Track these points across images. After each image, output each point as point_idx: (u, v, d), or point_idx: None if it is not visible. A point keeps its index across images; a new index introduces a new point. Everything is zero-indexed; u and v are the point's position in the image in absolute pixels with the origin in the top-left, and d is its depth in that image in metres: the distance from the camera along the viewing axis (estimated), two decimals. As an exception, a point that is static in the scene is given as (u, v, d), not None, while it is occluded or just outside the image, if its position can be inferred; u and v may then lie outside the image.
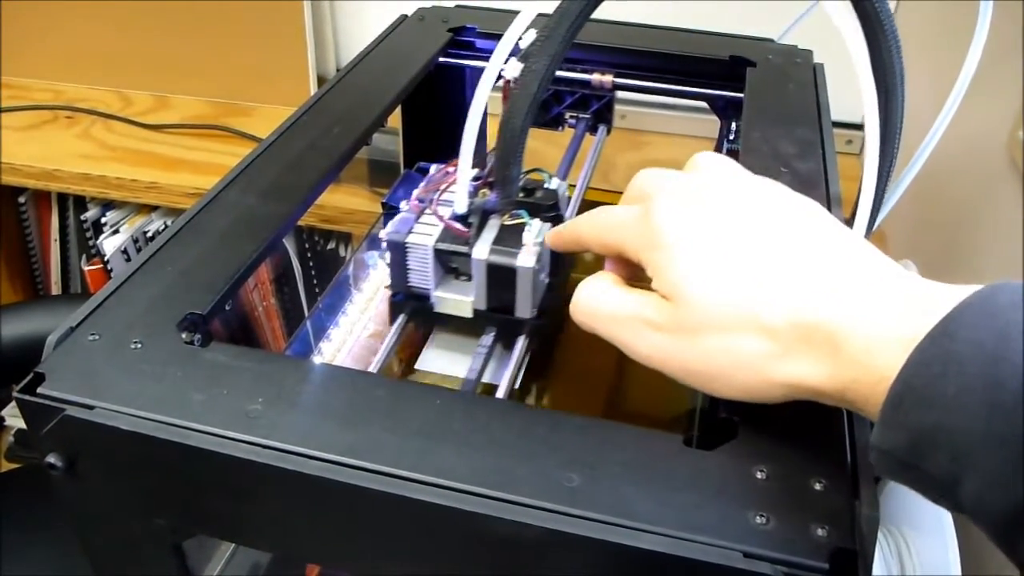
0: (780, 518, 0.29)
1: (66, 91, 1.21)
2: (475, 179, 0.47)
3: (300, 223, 0.92)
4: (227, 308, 0.40)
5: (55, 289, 1.30)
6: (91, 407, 0.33)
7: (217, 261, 0.41)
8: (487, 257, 0.44)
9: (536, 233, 0.45)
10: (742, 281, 0.31)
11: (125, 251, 1.14)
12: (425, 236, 0.46)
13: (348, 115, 0.54)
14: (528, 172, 0.48)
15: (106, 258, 1.14)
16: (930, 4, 0.84)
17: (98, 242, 1.15)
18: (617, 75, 0.65)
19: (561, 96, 0.67)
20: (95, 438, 0.33)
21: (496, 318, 0.47)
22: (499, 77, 0.44)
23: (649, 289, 0.34)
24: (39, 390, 0.34)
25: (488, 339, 0.47)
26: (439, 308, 0.47)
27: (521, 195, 0.46)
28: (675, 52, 0.64)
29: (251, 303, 1.15)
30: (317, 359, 0.51)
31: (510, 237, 0.45)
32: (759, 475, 0.31)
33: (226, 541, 0.47)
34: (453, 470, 0.31)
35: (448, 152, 0.73)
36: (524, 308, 0.46)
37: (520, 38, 0.43)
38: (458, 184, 0.46)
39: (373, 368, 0.46)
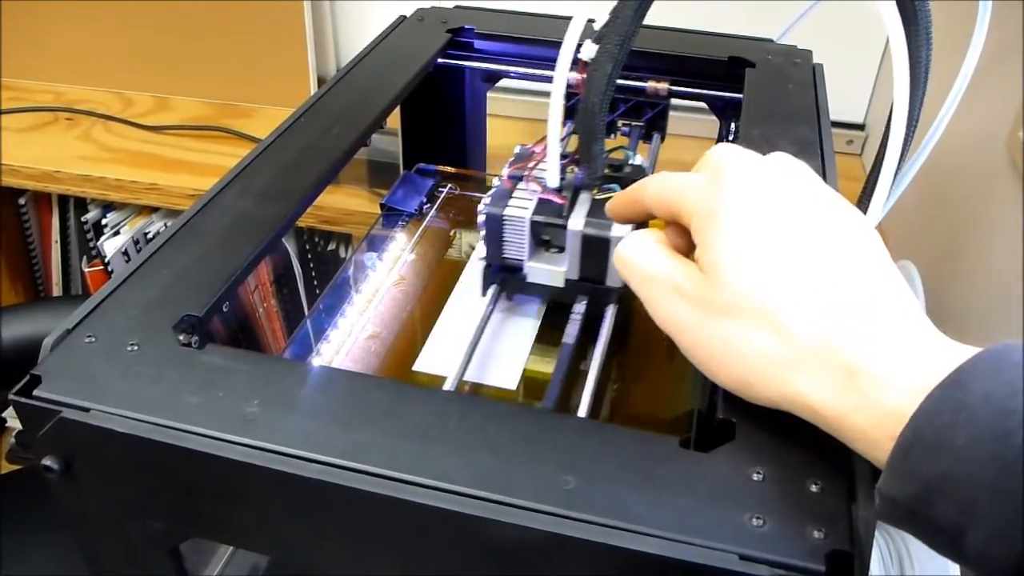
0: (777, 520, 0.29)
1: (66, 93, 1.21)
2: (560, 157, 0.48)
3: (300, 224, 0.92)
4: (225, 310, 0.40)
5: (56, 290, 1.30)
6: (87, 409, 0.33)
7: (214, 263, 0.41)
8: (582, 228, 0.46)
9: None
10: (780, 278, 0.31)
11: (126, 252, 1.14)
12: (522, 209, 0.48)
13: (347, 116, 0.54)
14: (611, 151, 0.50)
15: (107, 259, 1.14)
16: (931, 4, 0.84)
17: (99, 243, 1.15)
18: (660, 81, 0.65)
19: (615, 104, 0.67)
20: (91, 440, 0.33)
21: (587, 287, 0.49)
22: (575, 61, 0.45)
23: (692, 260, 0.34)
24: (35, 392, 0.33)
25: (581, 306, 0.49)
26: (532, 278, 0.49)
27: (607, 171, 0.48)
28: (674, 52, 0.64)
29: (251, 304, 1.15)
30: (316, 361, 0.51)
31: (602, 210, 0.46)
32: (756, 477, 0.30)
33: (223, 544, 0.47)
34: (450, 473, 0.30)
35: (448, 153, 0.73)
36: (615, 277, 0.48)
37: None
38: (550, 159, 0.48)
39: (468, 340, 0.47)
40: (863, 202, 0.47)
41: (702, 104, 0.66)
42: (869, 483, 0.30)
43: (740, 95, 0.59)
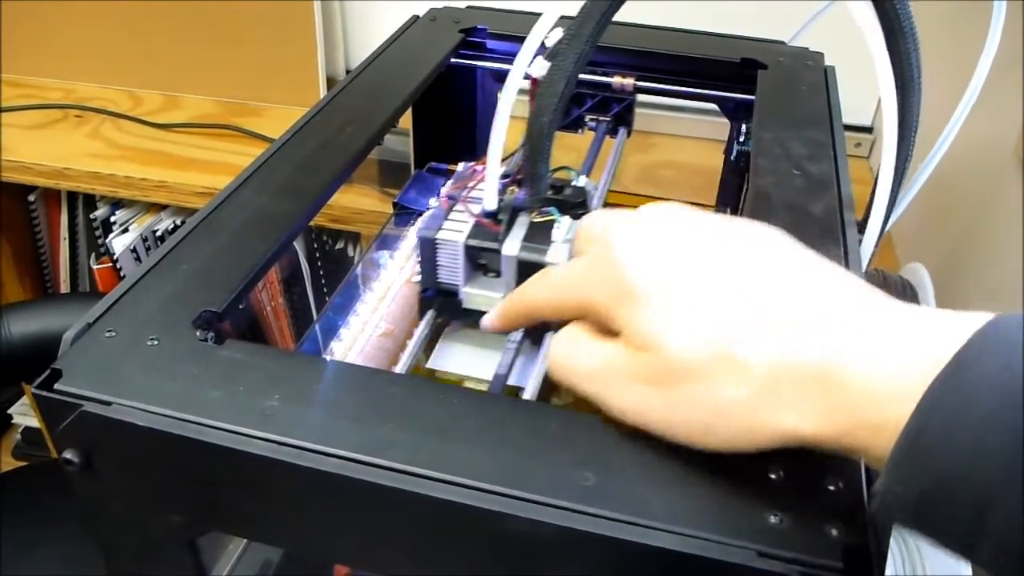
0: (795, 518, 0.29)
1: (76, 90, 1.22)
2: (503, 177, 0.48)
3: (309, 223, 0.92)
4: (241, 307, 0.41)
5: (64, 288, 1.30)
6: (108, 403, 0.33)
7: (231, 260, 0.41)
8: (517, 253, 0.45)
9: (566, 230, 0.45)
10: (717, 323, 0.29)
11: (134, 250, 1.15)
12: (456, 232, 0.46)
13: (361, 115, 0.54)
14: (555, 170, 0.48)
15: (115, 257, 1.15)
16: (940, 5, 0.84)
17: (107, 241, 1.16)
18: (629, 76, 0.66)
19: (582, 99, 0.67)
20: (112, 434, 0.33)
21: None
22: (526, 76, 0.44)
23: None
24: (56, 386, 0.34)
25: (517, 335, 0.47)
26: (468, 304, 0.48)
27: (550, 193, 0.47)
28: (686, 54, 0.64)
29: (260, 303, 1.15)
30: (328, 358, 0.51)
31: (540, 234, 0.45)
32: (773, 475, 0.31)
33: (241, 538, 0.47)
34: (469, 468, 0.31)
35: (459, 153, 0.73)
36: None
37: (546, 36, 0.43)
38: (487, 181, 0.46)
39: (401, 367, 0.46)
40: (870, 207, 0.47)
41: (712, 106, 0.66)
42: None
43: (752, 97, 0.60)
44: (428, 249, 0.47)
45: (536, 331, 0.47)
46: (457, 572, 0.33)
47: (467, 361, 0.49)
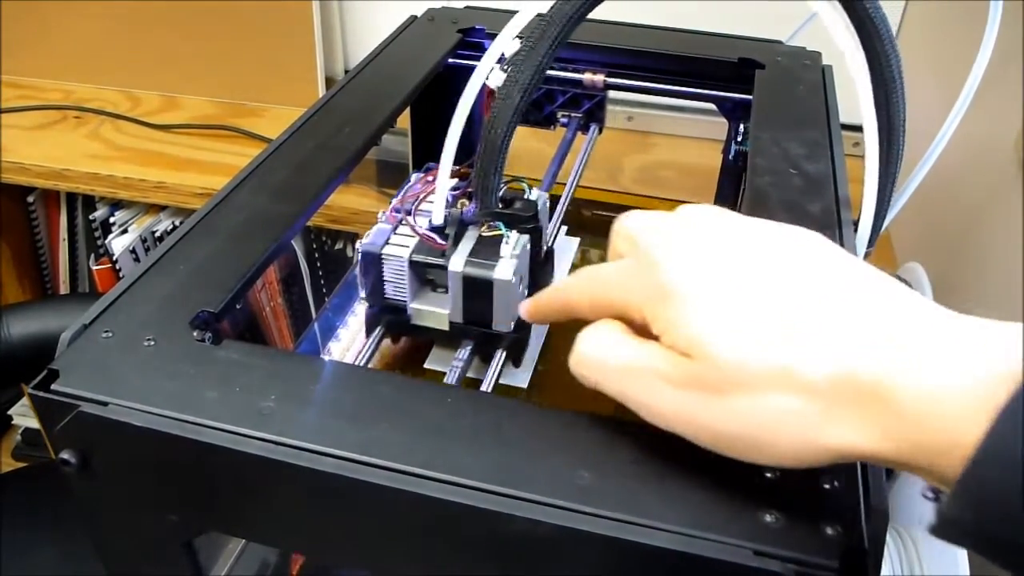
0: (791, 517, 0.29)
1: (75, 91, 1.22)
2: (454, 189, 0.47)
3: (307, 223, 0.92)
4: (238, 307, 0.41)
5: (63, 288, 1.30)
6: (105, 404, 0.33)
7: (229, 260, 0.41)
8: (463, 269, 0.44)
9: (514, 245, 0.44)
10: (770, 332, 0.27)
11: (133, 251, 1.15)
12: (401, 248, 0.45)
13: (358, 115, 0.54)
14: (508, 182, 0.47)
15: (114, 258, 1.15)
16: (936, 5, 0.84)
17: (106, 242, 1.16)
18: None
19: (553, 95, 0.68)
20: (109, 434, 0.33)
21: (473, 331, 0.46)
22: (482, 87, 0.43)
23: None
24: (53, 387, 0.34)
25: (464, 352, 0.46)
26: (416, 320, 0.47)
27: (500, 206, 0.46)
28: (684, 54, 0.64)
29: (258, 303, 1.15)
30: (326, 359, 0.51)
31: (487, 249, 0.44)
32: (769, 474, 0.31)
33: (238, 538, 0.47)
34: (465, 467, 0.31)
35: (457, 153, 0.73)
36: (502, 321, 0.45)
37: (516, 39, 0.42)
38: (436, 194, 0.45)
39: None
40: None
41: (710, 106, 0.66)
42: (883, 480, 0.30)
43: (749, 96, 0.60)
44: (373, 264, 0.45)
45: (484, 348, 0.46)
46: (454, 572, 0.33)
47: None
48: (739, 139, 0.68)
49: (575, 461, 0.31)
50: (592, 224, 0.69)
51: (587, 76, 0.65)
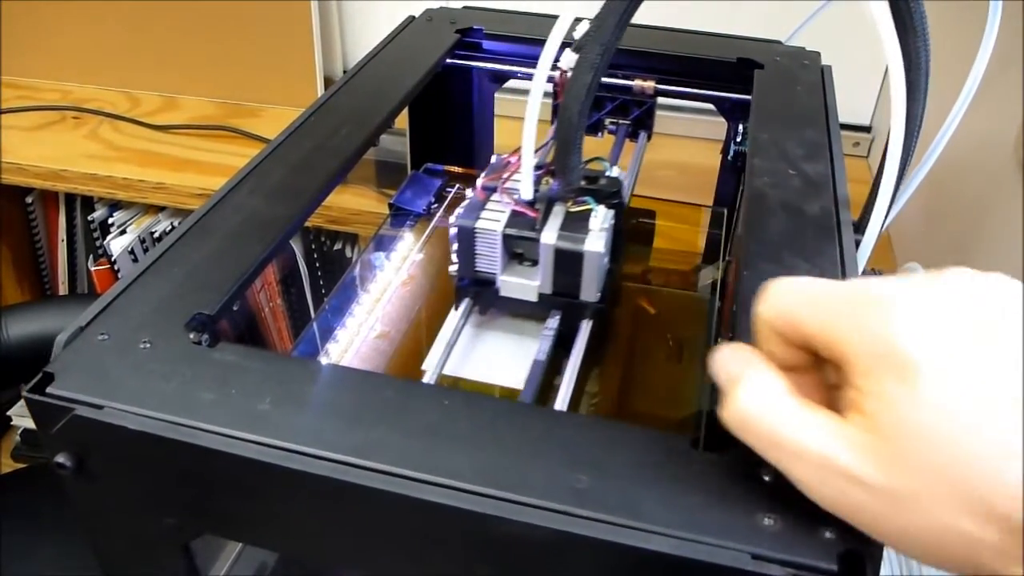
0: (789, 520, 0.29)
1: (73, 91, 1.22)
2: (536, 168, 0.48)
3: (306, 224, 0.92)
4: (235, 308, 0.40)
5: (62, 289, 1.30)
6: (100, 407, 0.33)
7: (225, 262, 0.41)
8: (555, 242, 0.45)
9: (602, 219, 0.46)
10: (997, 446, 0.23)
11: (132, 251, 1.15)
12: (494, 222, 0.47)
13: (356, 116, 0.54)
14: (587, 162, 0.49)
15: (113, 258, 1.15)
16: (936, 5, 0.84)
17: (105, 242, 1.15)
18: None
19: (601, 102, 0.67)
20: (104, 438, 0.33)
21: (561, 301, 0.48)
22: (554, 67, 0.44)
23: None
24: (48, 390, 0.34)
25: (554, 321, 0.48)
26: (505, 292, 0.48)
27: (583, 183, 0.47)
28: (682, 54, 0.64)
29: (257, 304, 1.15)
30: (324, 360, 0.51)
31: (576, 223, 0.46)
32: (767, 477, 0.30)
33: (235, 541, 0.47)
34: (461, 470, 0.31)
35: (456, 153, 0.73)
36: (589, 292, 0.47)
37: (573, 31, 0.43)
38: (523, 171, 0.47)
39: (433, 360, 0.46)
40: (869, 207, 0.47)
41: (709, 106, 0.66)
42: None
43: (748, 96, 0.59)
44: (466, 238, 0.47)
45: (571, 318, 0.47)
46: (450, 575, 0.33)
47: (495, 365, 0.49)
48: (738, 139, 0.68)
49: (572, 464, 0.31)
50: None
51: (637, 83, 0.65)
